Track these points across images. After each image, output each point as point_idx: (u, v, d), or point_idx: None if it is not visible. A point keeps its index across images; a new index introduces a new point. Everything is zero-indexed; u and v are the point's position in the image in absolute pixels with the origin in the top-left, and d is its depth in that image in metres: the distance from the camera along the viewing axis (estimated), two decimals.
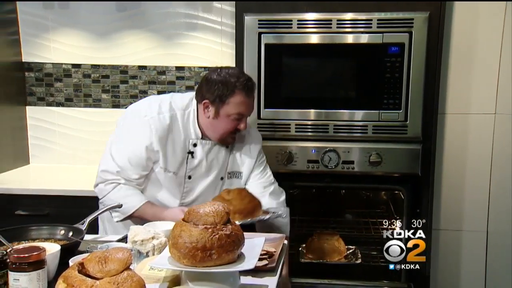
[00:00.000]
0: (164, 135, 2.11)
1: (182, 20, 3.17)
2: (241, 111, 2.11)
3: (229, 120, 2.12)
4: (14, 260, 1.30)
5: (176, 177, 2.17)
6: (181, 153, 2.16)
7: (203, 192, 2.22)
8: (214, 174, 2.22)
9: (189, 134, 2.17)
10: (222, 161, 2.24)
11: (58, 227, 1.82)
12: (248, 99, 2.12)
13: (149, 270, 1.48)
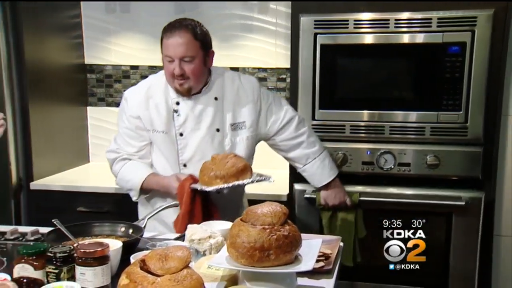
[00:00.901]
0: (141, 101, 2.20)
1: (237, 21, 3.20)
2: (167, 53, 2.12)
3: (166, 64, 2.14)
4: (81, 255, 1.36)
5: (168, 136, 2.21)
6: (165, 113, 2.20)
7: (199, 145, 2.21)
8: (205, 127, 2.21)
9: (170, 94, 2.21)
10: (213, 113, 2.21)
11: (119, 224, 1.88)
12: (170, 40, 2.11)
13: (207, 269, 1.51)
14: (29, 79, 2.90)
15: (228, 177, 1.98)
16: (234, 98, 2.25)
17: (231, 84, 2.27)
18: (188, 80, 2.13)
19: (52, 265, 1.36)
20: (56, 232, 1.70)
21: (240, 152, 2.23)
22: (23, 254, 1.38)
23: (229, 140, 2.24)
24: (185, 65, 2.10)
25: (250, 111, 2.26)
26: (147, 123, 2.21)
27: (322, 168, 2.39)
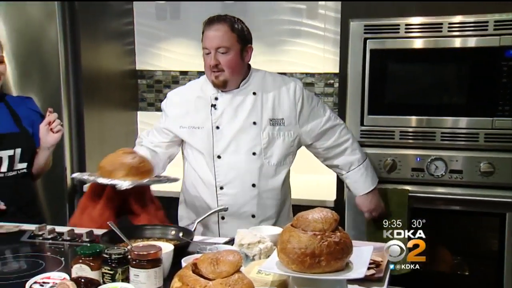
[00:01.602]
0: (180, 100, 2.27)
1: (286, 27, 3.21)
2: (204, 45, 2.16)
3: (204, 58, 2.17)
4: (135, 257, 1.39)
5: (204, 131, 2.22)
6: (203, 108, 2.22)
7: (234, 137, 2.20)
8: (242, 119, 2.20)
9: (209, 91, 2.23)
10: (251, 106, 2.21)
11: (169, 227, 1.91)
12: (208, 33, 2.14)
13: (257, 274, 1.51)
14: (85, 85, 3.00)
15: (133, 173, 1.92)
16: (274, 94, 2.23)
17: (273, 81, 2.26)
18: (223, 72, 2.14)
19: (108, 266, 1.40)
20: (110, 234, 1.74)
21: (277, 148, 2.23)
22: (81, 255, 1.42)
23: (267, 134, 2.21)
24: (220, 56, 2.12)
25: (290, 110, 2.23)
26: (182, 121, 2.25)
27: (365, 176, 2.37)
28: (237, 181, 2.21)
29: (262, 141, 2.21)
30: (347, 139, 2.34)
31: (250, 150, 2.20)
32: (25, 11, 2.84)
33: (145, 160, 1.95)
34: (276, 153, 2.23)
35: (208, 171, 2.24)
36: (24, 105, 2.34)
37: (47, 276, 1.41)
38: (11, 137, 2.22)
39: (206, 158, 2.24)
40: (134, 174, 1.85)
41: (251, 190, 2.21)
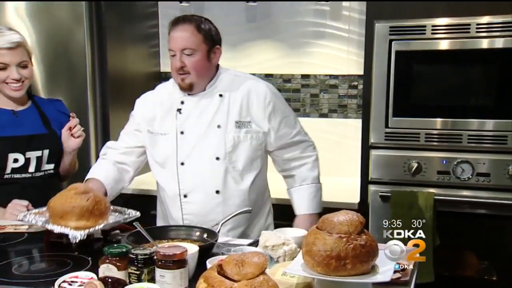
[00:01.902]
0: (148, 104, 2.20)
1: (309, 28, 3.21)
2: (170, 47, 2.07)
3: (170, 60, 2.09)
4: (161, 257, 1.40)
5: (169, 137, 2.14)
6: (169, 113, 2.15)
7: (198, 142, 2.12)
8: (206, 122, 2.12)
9: (175, 95, 2.16)
10: (216, 109, 2.12)
11: (194, 228, 1.92)
12: (172, 33, 2.06)
13: (281, 276, 1.51)
14: (110, 87, 3.04)
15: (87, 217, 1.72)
16: (243, 95, 2.13)
17: (242, 82, 2.17)
18: (189, 75, 2.06)
19: (134, 266, 1.41)
20: (136, 235, 1.76)
21: (243, 152, 2.13)
22: (108, 255, 1.44)
23: (232, 137, 2.11)
24: (186, 58, 2.04)
25: (258, 112, 2.14)
26: (149, 125, 2.18)
27: (314, 196, 2.26)
28: (200, 187, 2.12)
29: (226, 145, 2.11)
30: (310, 155, 2.29)
31: (214, 155, 2.10)
32: (54, 15, 2.89)
33: (100, 200, 1.74)
34: (241, 157, 2.12)
35: (171, 179, 2.15)
36: (54, 107, 2.37)
37: (75, 275, 1.43)
38: (39, 138, 2.26)
39: (169, 165, 2.15)
40: (88, 218, 1.68)
41: (215, 197, 2.12)
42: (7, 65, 2.16)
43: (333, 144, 3.27)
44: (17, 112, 2.26)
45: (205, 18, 2.14)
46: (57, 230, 1.61)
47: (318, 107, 3.31)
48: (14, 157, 2.19)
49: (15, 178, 2.21)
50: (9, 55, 2.15)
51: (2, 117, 2.23)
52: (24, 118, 2.27)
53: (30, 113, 2.29)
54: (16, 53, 2.16)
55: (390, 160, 2.62)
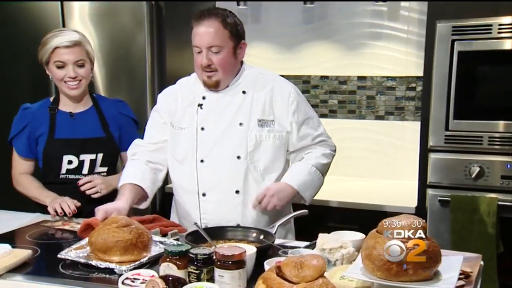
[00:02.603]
0: (170, 98, 2.15)
1: (366, 29, 3.16)
2: (194, 43, 2.01)
3: (195, 56, 2.03)
4: (220, 258, 1.41)
5: (189, 132, 2.09)
6: (190, 108, 2.10)
7: (219, 139, 2.06)
8: (227, 120, 2.06)
9: (197, 90, 2.11)
10: (238, 106, 2.06)
11: (250, 229, 1.93)
12: (197, 29, 1.99)
13: (340, 279, 1.49)
14: None
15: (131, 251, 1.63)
16: (266, 93, 2.08)
17: (266, 80, 2.11)
18: (216, 72, 2.01)
19: (194, 266, 1.43)
20: (194, 234, 1.79)
21: (265, 151, 2.07)
22: (168, 254, 1.46)
23: (254, 136, 2.05)
24: (213, 55, 1.98)
25: (281, 111, 2.08)
26: (172, 118, 2.14)
27: (304, 174, 2.10)
28: (220, 187, 2.06)
29: (248, 144, 2.05)
30: (324, 150, 2.18)
31: (235, 154, 2.05)
32: (116, 19, 2.98)
33: (143, 232, 1.68)
34: (263, 157, 2.07)
35: (190, 176, 2.09)
36: (115, 108, 2.40)
37: (137, 272, 1.46)
38: (95, 141, 2.30)
39: (188, 162, 2.09)
40: (132, 252, 1.62)
41: (235, 197, 2.06)
42: (65, 63, 2.20)
43: (390, 147, 3.22)
44: (74, 114, 2.31)
45: (230, 11, 2.07)
46: (101, 266, 1.59)
47: (374, 109, 3.25)
48: (68, 159, 2.25)
49: (69, 179, 2.27)
50: (67, 53, 2.20)
51: (60, 119, 2.29)
52: (81, 121, 2.31)
53: (88, 115, 2.33)
54: (73, 51, 2.21)
55: (450, 164, 2.55)
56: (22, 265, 1.62)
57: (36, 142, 2.28)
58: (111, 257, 1.61)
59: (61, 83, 2.24)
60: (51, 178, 2.28)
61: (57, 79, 2.23)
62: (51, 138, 2.25)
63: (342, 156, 2.57)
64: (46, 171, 2.29)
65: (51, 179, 2.28)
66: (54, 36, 2.21)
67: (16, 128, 2.28)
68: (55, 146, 2.24)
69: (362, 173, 3.27)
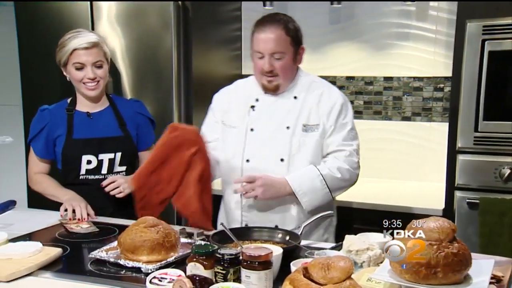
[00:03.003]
0: (224, 97, 2.23)
1: (394, 30, 3.13)
2: (256, 48, 2.04)
3: (255, 60, 2.07)
4: (247, 258, 1.41)
5: (239, 131, 2.15)
6: (243, 109, 2.16)
7: (266, 141, 2.11)
8: (276, 123, 2.12)
9: (252, 91, 2.17)
10: (287, 110, 2.12)
11: (276, 230, 1.93)
12: (260, 35, 2.03)
13: (366, 281, 1.48)
14: (194, 90, 3.11)
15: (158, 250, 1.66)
16: (314, 100, 2.13)
17: (317, 87, 2.16)
18: (277, 77, 2.07)
19: (220, 266, 1.44)
20: (220, 234, 1.79)
21: (307, 155, 2.10)
22: (195, 254, 1.47)
23: (298, 141, 2.10)
24: (275, 61, 2.04)
25: (325, 117, 2.12)
26: (224, 117, 2.21)
27: (307, 177, 2.06)
28: None
29: (292, 147, 2.10)
30: (344, 165, 2.12)
31: (279, 156, 2.10)
32: (143, 21, 3.00)
33: (170, 232, 1.71)
34: (304, 160, 2.10)
35: (235, 175, 2.14)
36: (131, 108, 2.40)
37: (164, 272, 1.47)
38: (113, 140, 2.31)
39: (235, 161, 2.16)
40: (159, 252, 1.65)
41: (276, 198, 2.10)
42: (83, 64, 2.22)
43: (416, 148, 3.18)
44: (92, 114, 2.32)
45: (290, 17, 2.13)
46: (129, 265, 1.62)
47: (400, 110, 3.22)
48: (87, 159, 2.26)
49: (89, 179, 2.28)
50: (85, 55, 2.22)
51: (77, 120, 2.30)
52: (99, 120, 2.33)
53: (105, 115, 2.34)
54: (92, 53, 2.23)
55: (479, 166, 2.51)
56: (52, 263, 1.65)
57: (54, 143, 2.29)
58: (139, 256, 1.63)
59: (79, 84, 2.26)
60: (71, 179, 2.29)
61: (76, 80, 2.25)
62: (69, 139, 2.26)
63: (367, 158, 2.54)
64: (66, 172, 2.30)
65: (71, 180, 2.29)
66: (72, 38, 2.22)
67: (35, 129, 2.30)
68: (73, 146, 2.26)
69: (388, 175, 3.24)
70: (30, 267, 1.57)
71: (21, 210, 2.32)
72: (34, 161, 2.34)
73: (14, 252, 1.63)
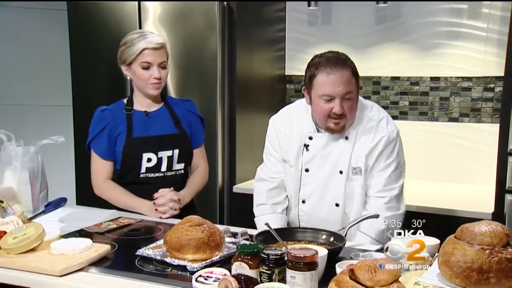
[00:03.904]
0: (280, 131, 2.18)
1: (442, 29, 3.06)
2: (326, 92, 1.95)
3: (320, 103, 1.98)
4: (292, 259, 1.41)
5: (294, 170, 2.14)
6: (297, 146, 2.12)
7: (320, 184, 2.10)
8: (329, 167, 2.08)
9: (305, 127, 2.12)
10: (339, 154, 2.07)
11: (320, 231, 1.91)
12: (330, 78, 1.93)
13: (414, 285, 1.45)
14: (238, 90, 3.13)
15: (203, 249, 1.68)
16: (362, 140, 2.07)
17: (367, 122, 2.08)
18: (344, 118, 2.00)
19: (265, 266, 1.44)
20: (264, 234, 1.79)
21: (357, 198, 2.08)
22: (241, 253, 1.48)
23: (351, 185, 2.08)
24: (345, 103, 1.97)
25: (368, 158, 2.06)
26: (282, 152, 2.19)
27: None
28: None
29: (346, 192, 2.09)
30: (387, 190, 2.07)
31: (334, 201, 2.10)
32: (189, 23, 3.05)
33: (215, 231, 1.72)
34: (355, 204, 2.09)
35: (292, 212, 2.20)
36: (184, 107, 2.43)
37: (209, 271, 1.48)
38: (170, 138, 2.34)
39: (292, 199, 2.20)
40: (204, 250, 1.66)
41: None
42: (150, 64, 2.25)
43: (464, 150, 3.10)
44: (149, 113, 2.35)
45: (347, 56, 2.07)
46: (174, 263, 1.63)
47: (447, 111, 3.14)
48: (147, 157, 2.29)
49: (149, 178, 2.31)
50: (153, 55, 2.25)
51: (136, 119, 2.33)
52: (156, 119, 2.35)
53: (161, 113, 2.37)
54: (159, 53, 2.26)
55: None
56: (101, 259, 1.69)
57: (115, 143, 2.31)
58: (185, 255, 1.65)
59: (144, 83, 2.28)
60: (131, 178, 2.32)
61: (142, 79, 2.27)
62: (129, 138, 2.29)
63: (413, 159, 2.50)
64: (125, 171, 2.32)
65: (131, 179, 2.32)
66: (141, 38, 2.25)
67: (95, 129, 2.31)
68: (134, 145, 2.29)
69: (435, 177, 3.17)
70: (81, 262, 1.62)
71: (71, 207, 2.38)
72: (99, 164, 2.33)
73: (66, 248, 1.68)
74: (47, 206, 2.25)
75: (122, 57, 2.28)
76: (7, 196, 2.11)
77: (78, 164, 3.42)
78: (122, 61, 2.29)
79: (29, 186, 2.20)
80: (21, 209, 2.03)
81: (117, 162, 2.33)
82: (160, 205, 2.23)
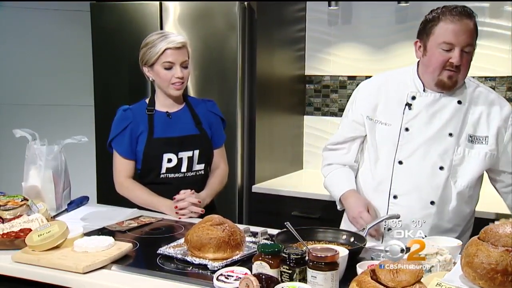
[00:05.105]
0: (372, 90, 2.10)
1: None
2: (447, 39, 1.88)
3: (437, 52, 1.90)
4: (313, 258, 1.41)
5: (390, 130, 2.04)
6: (396, 105, 2.04)
7: (423, 144, 2.00)
8: (437, 127, 1.98)
9: (407, 87, 2.03)
10: (451, 115, 1.98)
11: (341, 231, 1.91)
12: (454, 25, 1.87)
13: (436, 286, 1.44)
14: (258, 90, 3.14)
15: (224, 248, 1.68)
16: (483, 110, 2.00)
17: (485, 96, 2.02)
18: (458, 73, 1.92)
19: (286, 265, 1.44)
20: (285, 234, 1.79)
21: (472, 168, 2.01)
22: (261, 252, 1.48)
23: (462, 150, 1.99)
24: (463, 56, 1.90)
25: (498, 132, 2.00)
26: (372, 111, 2.09)
27: None
28: (415, 194, 2.01)
29: (454, 157, 1.99)
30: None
31: (438, 163, 1.99)
32: (209, 22, 3.06)
33: (235, 231, 1.73)
34: (468, 174, 2.00)
35: (383, 176, 2.07)
36: (205, 107, 2.44)
37: (231, 270, 1.49)
38: (191, 139, 2.34)
39: (384, 161, 2.07)
40: (225, 249, 1.67)
41: (428, 208, 2.01)
42: (173, 64, 2.26)
43: None
44: (171, 114, 2.36)
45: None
46: (195, 262, 1.65)
47: None
48: (168, 157, 2.30)
49: (169, 178, 2.32)
50: (175, 54, 2.25)
51: (157, 119, 2.34)
52: (177, 119, 2.36)
53: (183, 114, 2.38)
54: (181, 53, 2.27)
55: None
56: (123, 257, 1.71)
57: (136, 142, 2.33)
58: (205, 254, 1.66)
59: (166, 84, 2.29)
60: (151, 178, 2.33)
61: (165, 79, 2.28)
62: (150, 138, 2.30)
63: None
64: (146, 171, 2.34)
65: (152, 179, 2.33)
66: (163, 38, 2.26)
67: (117, 128, 2.33)
68: (155, 145, 2.30)
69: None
70: (103, 260, 1.64)
71: (93, 206, 2.41)
72: (120, 163, 2.34)
73: (89, 246, 1.70)
74: (70, 205, 2.28)
75: (144, 59, 2.29)
76: (31, 194, 2.15)
77: (99, 163, 3.46)
78: (144, 63, 2.30)
79: (53, 184, 2.24)
80: (45, 207, 2.06)
81: (138, 162, 2.35)
82: (181, 208, 2.24)
